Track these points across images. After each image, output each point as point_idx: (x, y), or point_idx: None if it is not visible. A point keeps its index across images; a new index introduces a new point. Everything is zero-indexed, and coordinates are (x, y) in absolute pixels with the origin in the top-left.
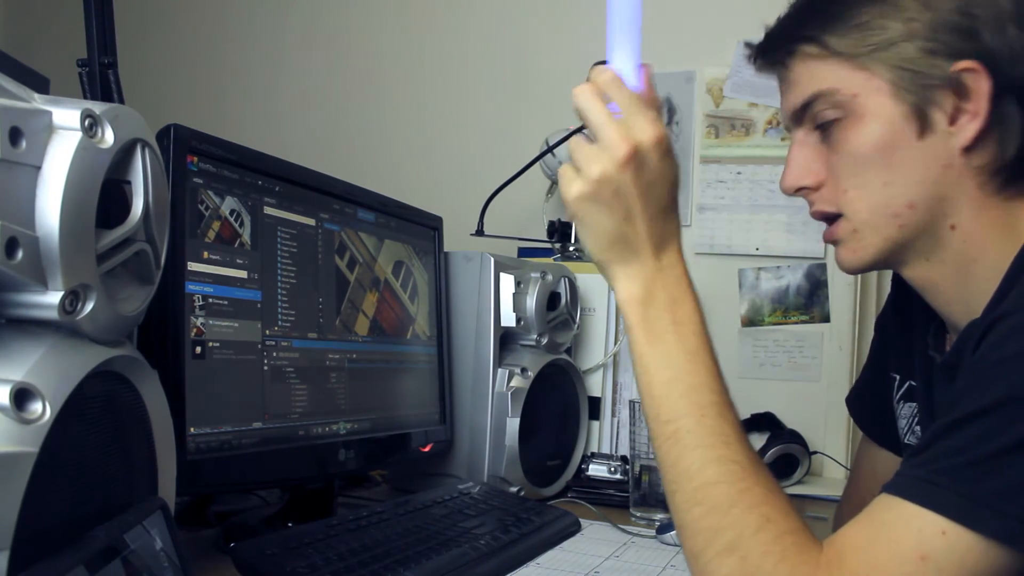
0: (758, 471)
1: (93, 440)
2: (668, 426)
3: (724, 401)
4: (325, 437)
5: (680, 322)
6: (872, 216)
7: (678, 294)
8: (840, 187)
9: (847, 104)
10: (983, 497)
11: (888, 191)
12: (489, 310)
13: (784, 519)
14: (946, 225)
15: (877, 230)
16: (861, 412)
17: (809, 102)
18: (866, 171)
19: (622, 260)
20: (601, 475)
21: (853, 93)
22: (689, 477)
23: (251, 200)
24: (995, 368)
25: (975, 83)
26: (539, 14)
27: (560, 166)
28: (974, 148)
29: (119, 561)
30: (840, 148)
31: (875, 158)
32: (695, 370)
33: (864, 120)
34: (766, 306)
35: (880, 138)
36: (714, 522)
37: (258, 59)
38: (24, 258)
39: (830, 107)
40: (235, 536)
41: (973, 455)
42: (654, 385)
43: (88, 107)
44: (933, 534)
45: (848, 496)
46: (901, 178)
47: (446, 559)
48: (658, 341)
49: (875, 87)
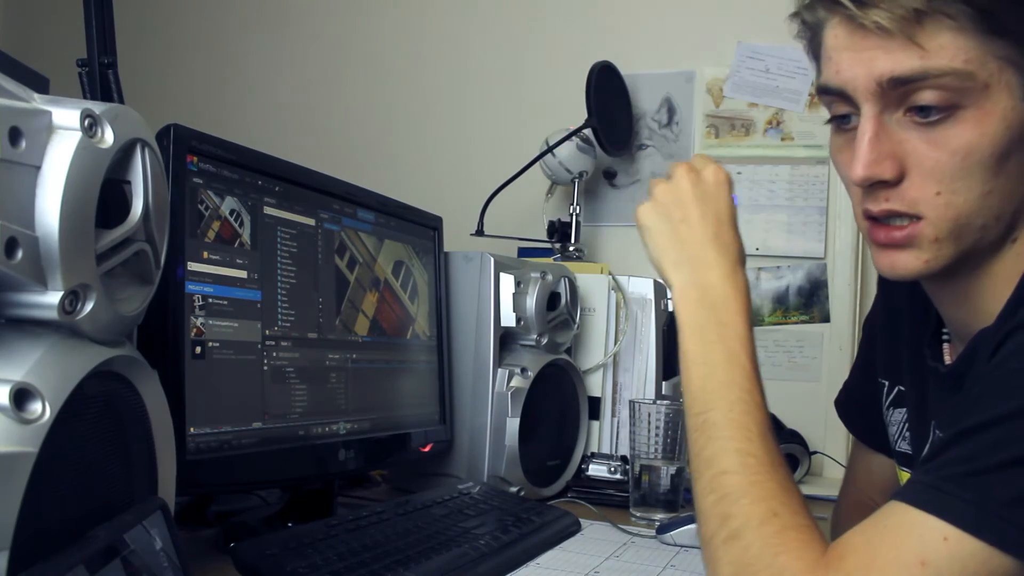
0: (775, 468)
1: (93, 440)
2: (698, 417)
3: (755, 401)
4: (325, 437)
5: (725, 323)
6: (958, 226)
7: (729, 298)
8: (929, 187)
9: (971, 93)
10: (989, 505)
11: (986, 201)
12: (489, 310)
13: (791, 515)
14: (1011, 239)
15: (959, 241)
16: (851, 416)
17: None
18: (970, 175)
19: (678, 261)
20: (601, 475)
21: (984, 82)
22: (709, 465)
23: (251, 200)
24: (1011, 378)
25: None
26: (539, 15)
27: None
28: None
29: (119, 561)
30: (945, 143)
31: (987, 163)
32: (731, 368)
33: (987, 116)
34: (766, 306)
35: (1001, 141)
36: (724, 510)
37: (258, 59)
38: (24, 258)
39: (951, 91)
40: (235, 536)
41: (982, 464)
42: (692, 379)
43: (88, 107)
44: (935, 540)
45: (844, 497)
46: (1003, 188)
47: (446, 559)
48: (702, 340)
49: (1006, 80)
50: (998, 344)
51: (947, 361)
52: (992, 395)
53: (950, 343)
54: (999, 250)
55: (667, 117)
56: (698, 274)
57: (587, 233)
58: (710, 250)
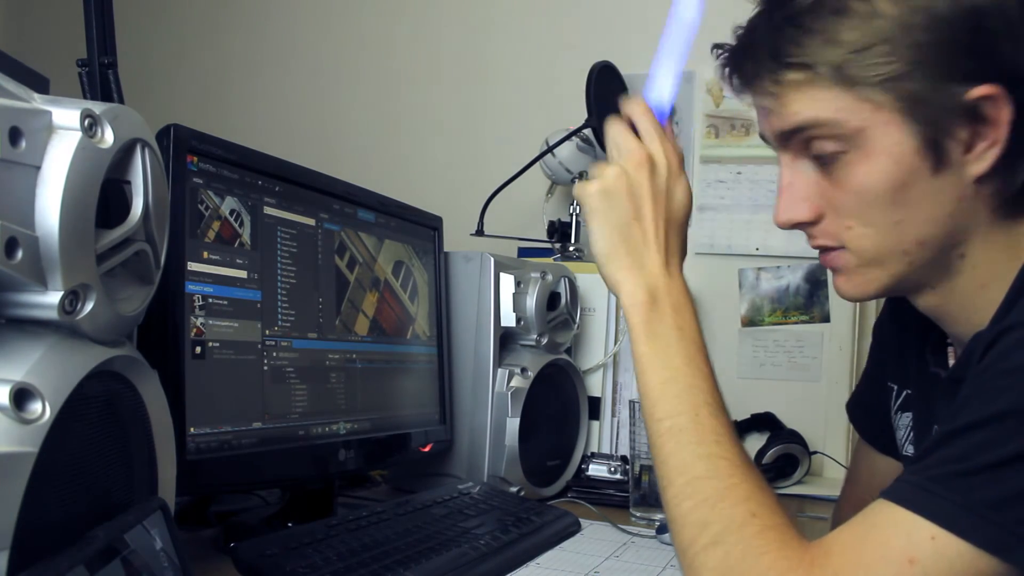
0: (747, 469)
1: (93, 440)
2: (663, 423)
3: (718, 403)
4: (325, 437)
5: (680, 328)
6: (879, 253)
7: (680, 303)
8: (843, 223)
9: (852, 138)
10: (977, 506)
11: (899, 229)
12: (489, 310)
13: (769, 515)
14: (956, 255)
15: (883, 267)
16: (861, 420)
17: (799, 129)
18: (874, 210)
19: (629, 264)
20: (601, 475)
21: (859, 127)
22: (680, 472)
23: (251, 200)
24: (998, 379)
25: (994, 110)
26: (539, 15)
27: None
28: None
29: (119, 561)
30: (845, 184)
31: (886, 198)
32: (692, 372)
33: (872, 156)
34: (766, 306)
35: (892, 176)
36: (702, 516)
37: (258, 59)
38: (24, 258)
39: (829, 139)
40: (235, 536)
41: (970, 464)
42: (652, 385)
43: (88, 107)
44: (923, 539)
45: (845, 497)
46: (913, 216)
47: (446, 559)
48: (658, 344)
49: (883, 120)
50: (988, 346)
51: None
52: (980, 396)
53: (953, 348)
54: (949, 267)
55: None
56: (651, 279)
57: (587, 233)
58: (661, 254)
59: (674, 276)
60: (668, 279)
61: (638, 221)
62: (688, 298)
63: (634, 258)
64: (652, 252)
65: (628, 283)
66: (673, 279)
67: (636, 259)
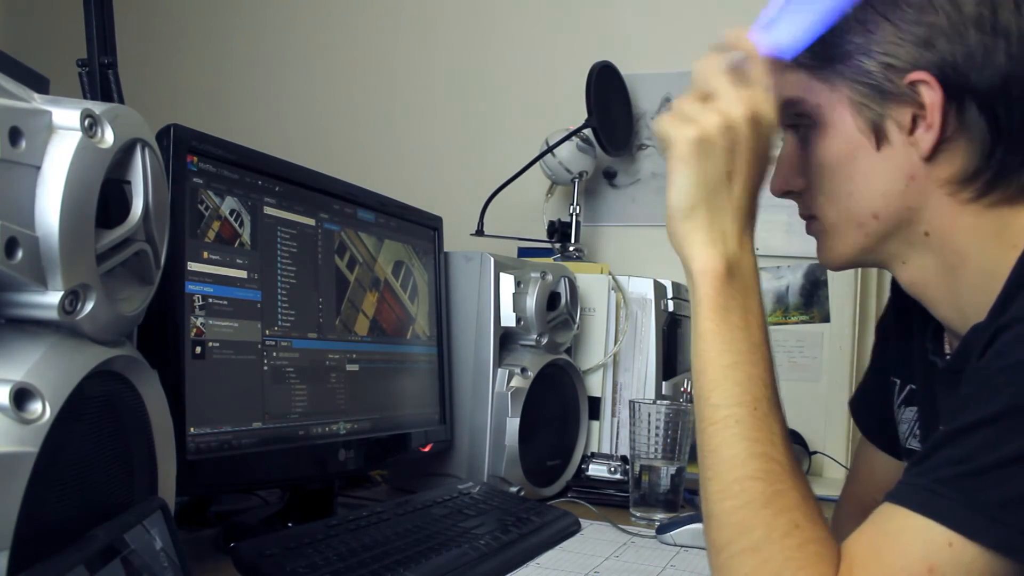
0: (796, 476)
1: (93, 440)
2: (718, 411)
3: (777, 400)
4: (325, 437)
5: (750, 310)
6: (839, 223)
7: (751, 282)
8: (814, 192)
9: (813, 113)
10: (985, 508)
11: (852, 201)
12: (489, 310)
13: (812, 527)
14: (919, 232)
15: (844, 236)
16: (863, 416)
17: (784, 106)
18: (832, 180)
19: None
20: (601, 475)
21: (817, 103)
22: (730, 468)
23: (251, 200)
24: (999, 376)
25: (928, 94)
26: (540, 15)
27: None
28: (937, 158)
29: (119, 561)
30: (812, 155)
31: (838, 168)
32: (756, 361)
33: (828, 131)
34: (766, 306)
35: (840, 150)
36: (744, 518)
37: (258, 59)
38: (24, 258)
39: (801, 115)
40: (235, 536)
41: (975, 465)
42: (714, 367)
43: (88, 107)
44: (940, 545)
45: (846, 496)
46: (863, 189)
47: (446, 559)
48: (726, 323)
49: (836, 100)
50: (988, 342)
51: (947, 352)
52: (982, 395)
53: (948, 337)
54: (914, 243)
55: None
56: (730, 249)
57: (587, 233)
58: (740, 224)
59: (747, 251)
60: (743, 254)
61: (729, 183)
62: (758, 279)
63: (716, 223)
64: (734, 220)
65: (704, 249)
66: (746, 254)
67: (718, 225)
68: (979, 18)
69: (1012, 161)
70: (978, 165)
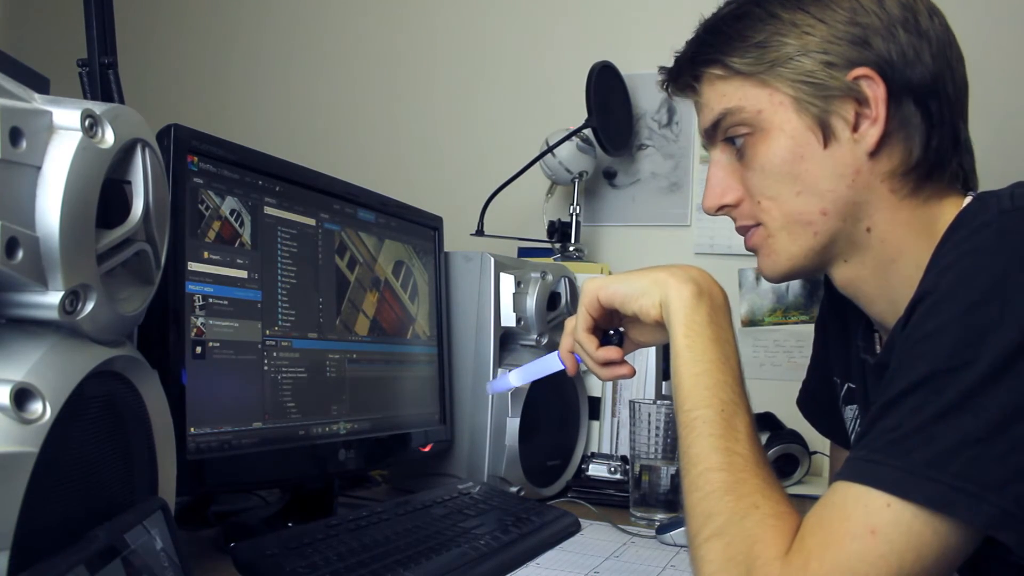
0: (760, 467)
1: (93, 440)
2: (689, 414)
3: (744, 403)
4: (325, 437)
5: (721, 327)
6: (787, 224)
7: (721, 303)
8: (755, 200)
9: (753, 120)
10: (915, 467)
11: (800, 200)
12: (489, 310)
13: (770, 504)
14: (862, 228)
15: (793, 238)
16: (814, 415)
17: (718, 120)
18: (777, 183)
19: (672, 269)
20: (601, 475)
21: (758, 109)
22: (696, 462)
23: (251, 200)
24: (918, 345)
25: (871, 89)
26: (540, 15)
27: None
28: (880, 153)
29: (119, 561)
30: (752, 163)
31: (784, 170)
32: (725, 369)
33: (771, 134)
34: (766, 306)
35: (787, 150)
36: (708, 507)
37: (258, 59)
38: (24, 258)
39: (739, 124)
40: (235, 536)
41: (904, 430)
42: (685, 376)
43: (88, 107)
44: (879, 508)
45: None
46: (811, 187)
47: (446, 559)
48: (699, 337)
49: (778, 102)
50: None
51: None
52: (906, 364)
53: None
54: (857, 240)
55: (667, 117)
56: (694, 274)
57: (587, 233)
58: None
59: (712, 281)
60: (709, 282)
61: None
62: (725, 300)
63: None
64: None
65: (674, 279)
66: (712, 283)
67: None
68: (905, 21)
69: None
70: (917, 157)
